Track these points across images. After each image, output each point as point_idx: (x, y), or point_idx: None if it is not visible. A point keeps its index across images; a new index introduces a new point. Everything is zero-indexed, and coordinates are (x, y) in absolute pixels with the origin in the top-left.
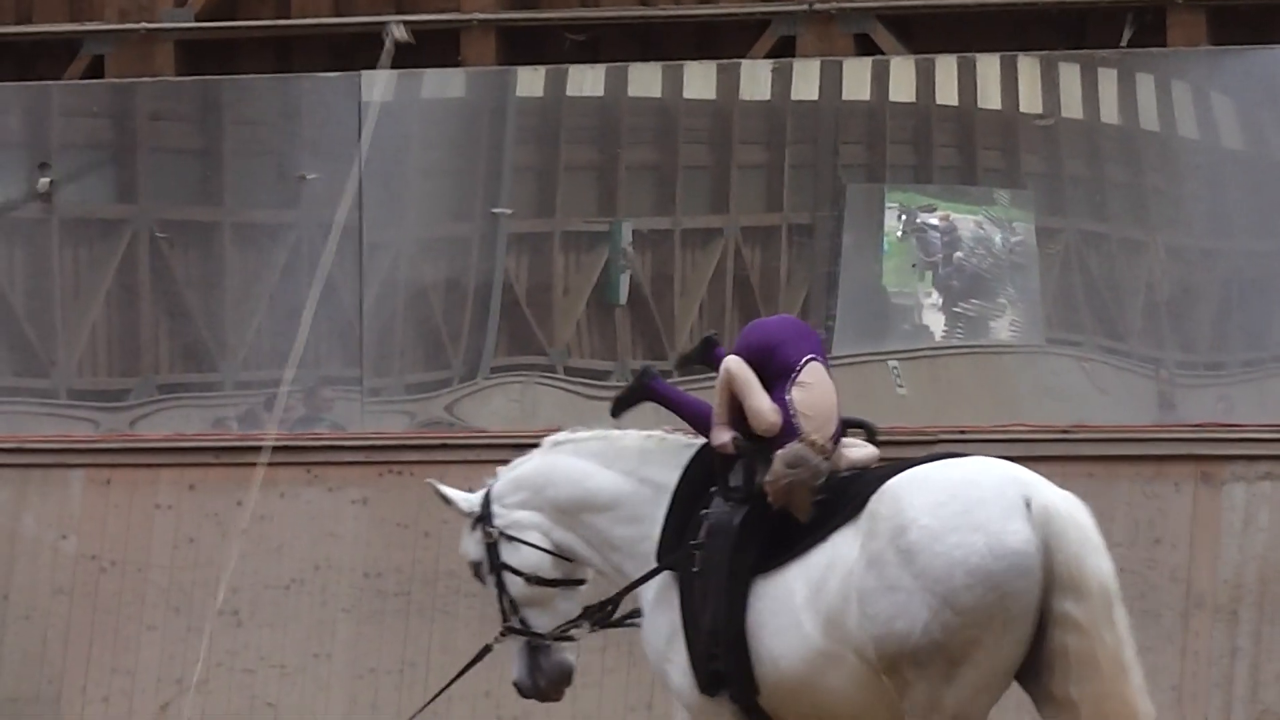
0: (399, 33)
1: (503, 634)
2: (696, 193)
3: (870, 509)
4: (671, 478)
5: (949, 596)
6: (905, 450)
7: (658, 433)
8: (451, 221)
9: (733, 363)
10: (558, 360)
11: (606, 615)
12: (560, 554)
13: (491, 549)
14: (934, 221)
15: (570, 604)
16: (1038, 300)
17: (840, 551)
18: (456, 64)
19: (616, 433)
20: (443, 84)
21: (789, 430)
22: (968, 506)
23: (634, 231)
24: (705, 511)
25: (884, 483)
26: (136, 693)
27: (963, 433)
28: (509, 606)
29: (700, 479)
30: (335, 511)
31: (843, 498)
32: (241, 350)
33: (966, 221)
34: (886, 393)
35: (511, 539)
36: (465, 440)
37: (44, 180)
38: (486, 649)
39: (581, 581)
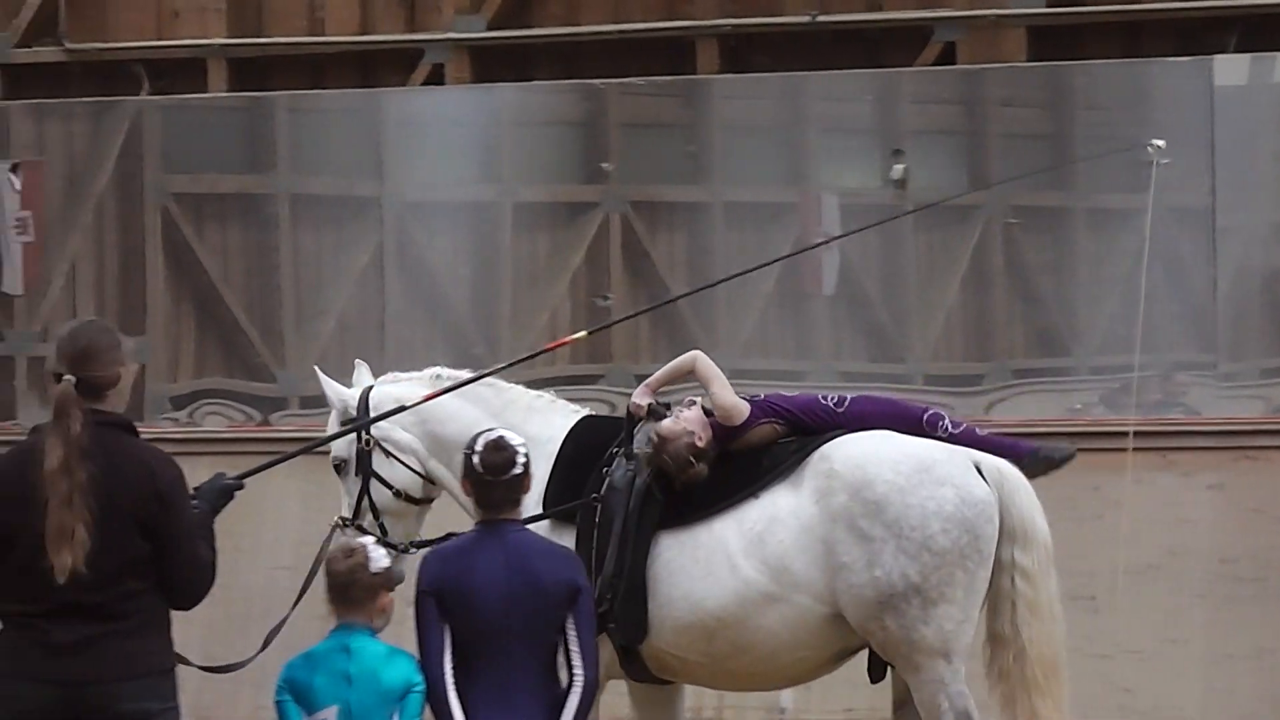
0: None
1: (342, 524)
2: None
3: (815, 469)
4: (552, 435)
5: (926, 541)
6: None
7: (547, 393)
8: None
9: (701, 356)
10: None
11: None
12: (429, 480)
13: (364, 455)
14: None
15: (418, 521)
16: None
17: (782, 507)
18: None
19: (503, 384)
20: None
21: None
22: (926, 465)
23: None
24: (607, 470)
25: (813, 450)
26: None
27: None
28: (368, 510)
29: (590, 441)
30: (1189, 497)
31: (756, 465)
32: (1094, 336)
33: None
34: None
35: (388, 453)
36: None
37: (898, 167)
38: (330, 536)
39: (431, 502)
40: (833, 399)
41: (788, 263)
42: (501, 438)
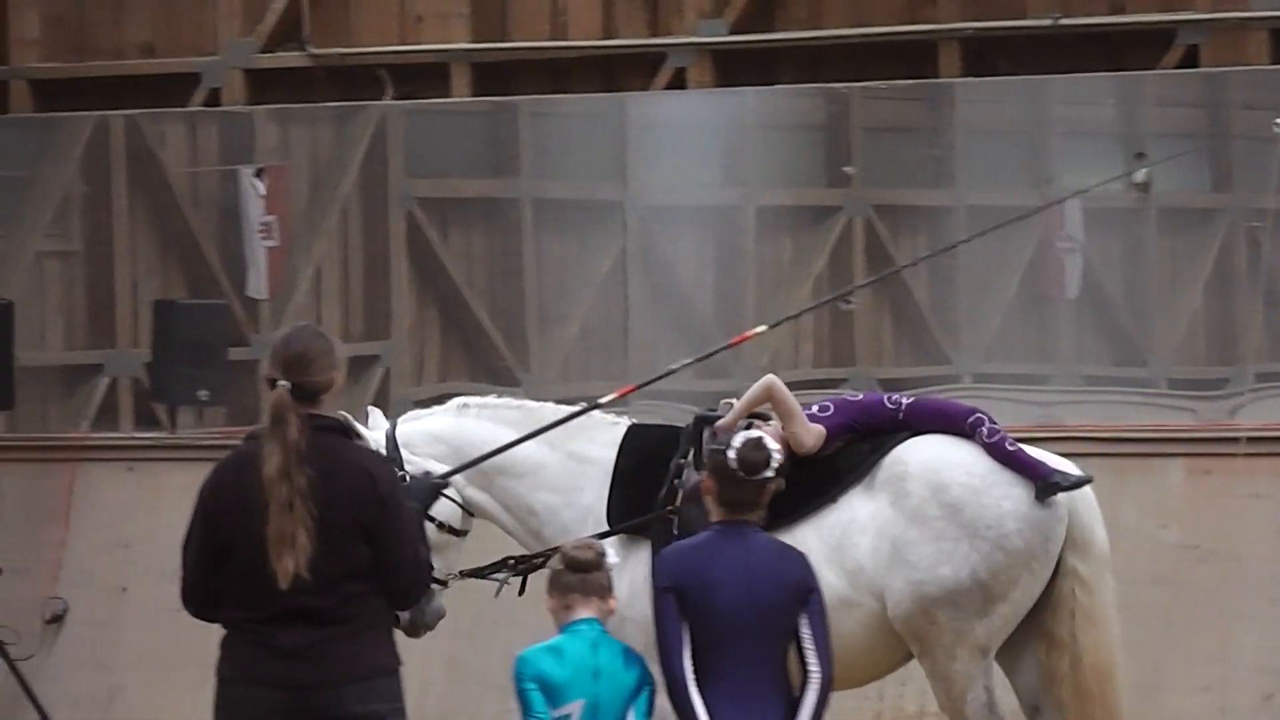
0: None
1: None
2: None
3: (890, 472)
4: (599, 452)
5: (1000, 541)
6: None
7: (578, 408)
8: None
9: (776, 384)
10: None
11: (530, 567)
12: (468, 510)
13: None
14: None
15: (458, 553)
16: None
17: (860, 511)
18: None
19: (533, 403)
20: None
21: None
22: (998, 466)
23: None
24: (678, 481)
25: (886, 453)
26: (1237, 683)
27: None
28: None
29: (646, 451)
30: None
31: (833, 469)
32: None
33: None
34: None
35: None
36: None
37: (1140, 170)
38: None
39: (466, 534)
40: (892, 402)
41: (1030, 266)
42: (761, 438)
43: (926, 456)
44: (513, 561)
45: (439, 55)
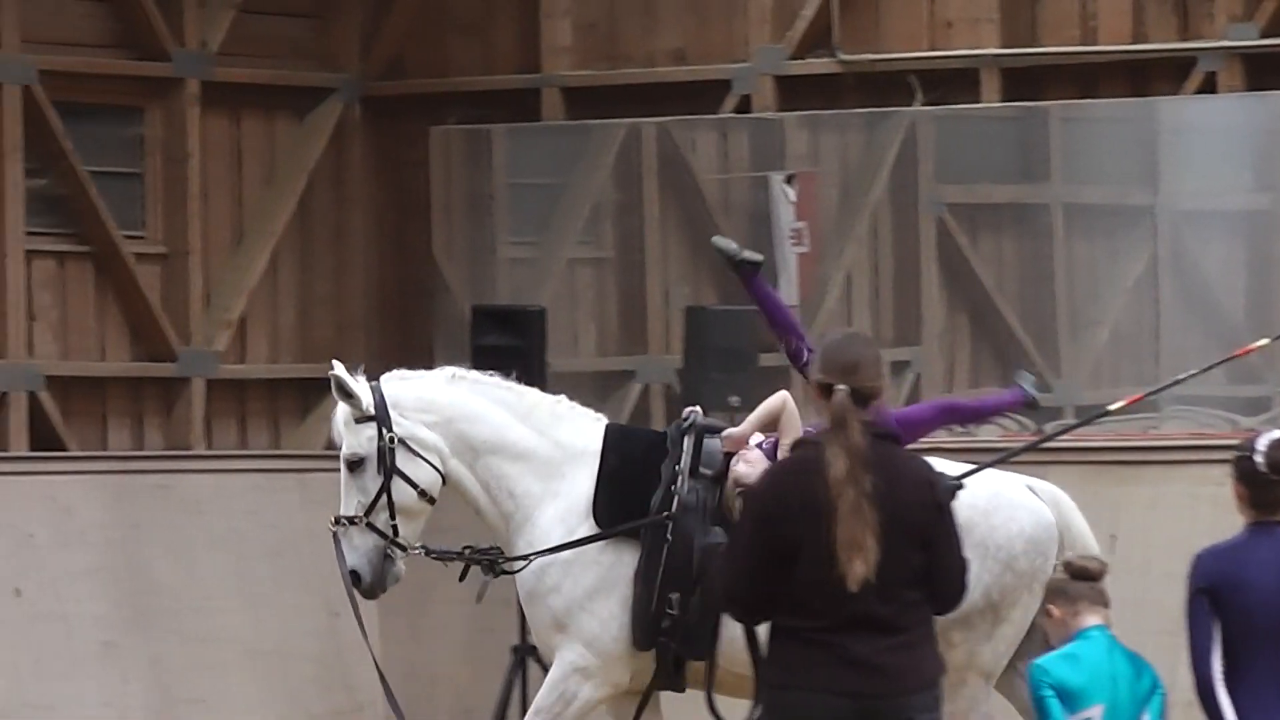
0: None
1: (347, 523)
2: None
3: None
4: (583, 445)
5: (1010, 562)
6: None
7: (564, 399)
8: None
9: (790, 402)
10: None
11: (491, 560)
12: (447, 480)
13: (386, 452)
14: None
15: (424, 524)
16: None
17: None
18: None
19: (520, 386)
20: None
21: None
22: (996, 490)
23: None
24: (674, 488)
25: None
26: None
27: None
28: (385, 509)
29: (632, 453)
30: None
31: None
32: None
33: None
34: None
35: (412, 451)
36: None
37: None
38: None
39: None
40: None
41: None
42: None
43: None
44: (468, 552)
45: (968, 61)
